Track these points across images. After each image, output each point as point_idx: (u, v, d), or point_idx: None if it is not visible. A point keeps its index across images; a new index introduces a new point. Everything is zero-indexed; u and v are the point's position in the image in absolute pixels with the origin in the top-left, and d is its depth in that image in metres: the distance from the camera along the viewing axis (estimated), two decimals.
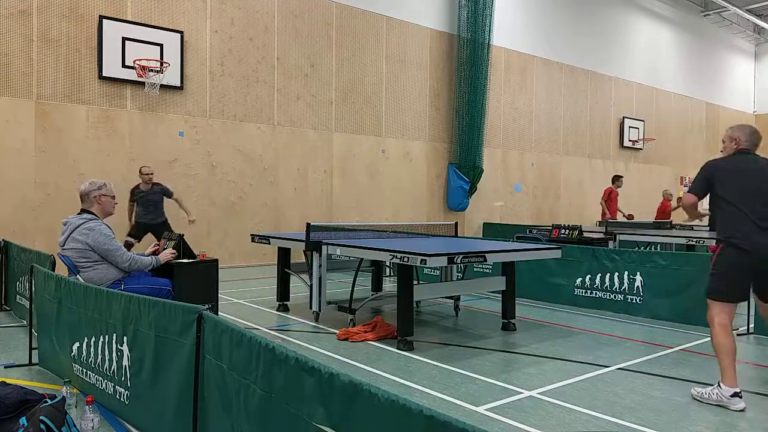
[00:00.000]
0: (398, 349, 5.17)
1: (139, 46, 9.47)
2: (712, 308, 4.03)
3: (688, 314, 6.34)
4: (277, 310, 6.89)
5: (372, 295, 7.05)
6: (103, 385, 3.55)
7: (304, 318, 6.50)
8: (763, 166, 4.09)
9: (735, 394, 3.84)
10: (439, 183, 13.85)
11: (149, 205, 8.65)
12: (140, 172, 8.73)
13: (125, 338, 3.30)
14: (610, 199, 13.76)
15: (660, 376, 4.53)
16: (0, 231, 8.13)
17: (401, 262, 5.05)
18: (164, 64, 9.56)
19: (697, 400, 3.96)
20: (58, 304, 4.00)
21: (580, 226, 9.01)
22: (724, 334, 3.96)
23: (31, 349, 4.56)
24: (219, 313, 5.50)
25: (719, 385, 3.93)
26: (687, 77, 21.05)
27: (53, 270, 4.62)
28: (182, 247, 5.20)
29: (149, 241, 7.76)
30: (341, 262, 7.42)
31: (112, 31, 9.29)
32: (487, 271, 8.25)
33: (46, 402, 2.93)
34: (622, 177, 14.08)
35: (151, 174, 8.73)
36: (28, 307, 4.79)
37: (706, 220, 9.92)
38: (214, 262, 5.32)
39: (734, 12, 20.45)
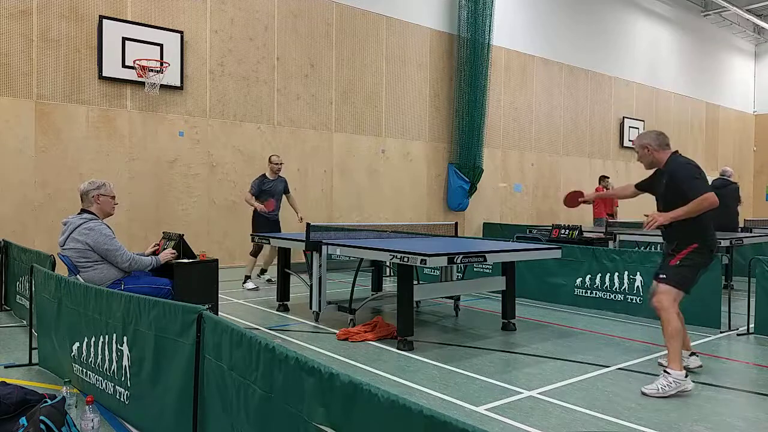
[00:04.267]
0: (398, 349, 5.17)
1: (139, 46, 9.47)
2: (674, 297, 4.20)
3: (689, 314, 6.33)
4: (277, 310, 6.90)
5: (372, 295, 7.05)
6: (103, 385, 3.55)
7: (304, 318, 6.50)
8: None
9: (686, 375, 4.07)
10: (439, 183, 13.85)
11: (274, 195, 8.58)
12: (270, 161, 8.70)
13: (125, 338, 3.30)
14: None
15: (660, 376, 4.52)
16: (0, 231, 8.13)
17: (401, 262, 5.05)
18: (164, 64, 9.56)
19: (656, 397, 3.98)
20: (58, 304, 4.00)
21: (580, 226, 9.01)
22: (679, 320, 4.20)
23: (31, 349, 4.56)
24: (219, 313, 5.50)
25: (668, 373, 4.04)
26: (687, 77, 21.04)
27: (53, 270, 4.62)
28: (182, 247, 5.20)
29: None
30: (341, 262, 7.42)
31: (112, 31, 9.29)
32: (487, 271, 8.25)
33: (46, 402, 2.93)
34: (608, 177, 14.13)
35: (281, 164, 8.76)
36: (28, 307, 4.79)
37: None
38: (214, 262, 5.32)
39: (734, 12, 20.43)
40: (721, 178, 9.53)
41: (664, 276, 4.27)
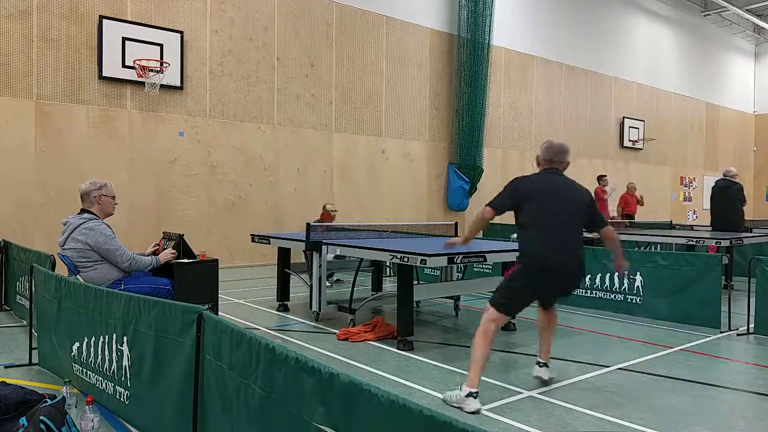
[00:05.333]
0: (398, 349, 5.17)
1: (139, 46, 9.47)
2: (490, 317, 3.88)
3: (689, 314, 6.34)
4: (277, 310, 6.89)
5: (372, 295, 7.05)
6: (103, 385, 3.54)
7: (304, 318, 6.50)
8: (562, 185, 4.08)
9: (470, 395, 3.68)
10: (439, 183, 13.85)
11: None
12: (327, 209, 9.16)
13: (125, 338, 3.30)
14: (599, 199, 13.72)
15: (660, 376, 4.53)
16: (0, 231, 8.13)
17: (401, 262, 5.05)
18: (164, 64, 9.56)
19: (445, 402, 3.77)
20: (58, 304, 4.00)
21: None
22: (490, 342, 3.88)
23: (31, 349, 4.56)
24: (219, 313, 5.50)
25: (461, 388, 3.75)
26: (687, 77, 21.04)
27: (53, 270, 4.62)
28: (182, 247, 5.20)
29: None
30: (341, 262, 7.42)
31: (112, 31, 9.29)
32: (487, 271, 8.25)
33: (46, 402, 2.94)
34: (605, 176, 14.04)
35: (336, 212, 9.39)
36: (28, 307, 4.78)
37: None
38: (214, 262, 5.32)
39: (734, 12, 20.43)
40: (724, 179, 9.47)
41: (492, 291, 4.06)
